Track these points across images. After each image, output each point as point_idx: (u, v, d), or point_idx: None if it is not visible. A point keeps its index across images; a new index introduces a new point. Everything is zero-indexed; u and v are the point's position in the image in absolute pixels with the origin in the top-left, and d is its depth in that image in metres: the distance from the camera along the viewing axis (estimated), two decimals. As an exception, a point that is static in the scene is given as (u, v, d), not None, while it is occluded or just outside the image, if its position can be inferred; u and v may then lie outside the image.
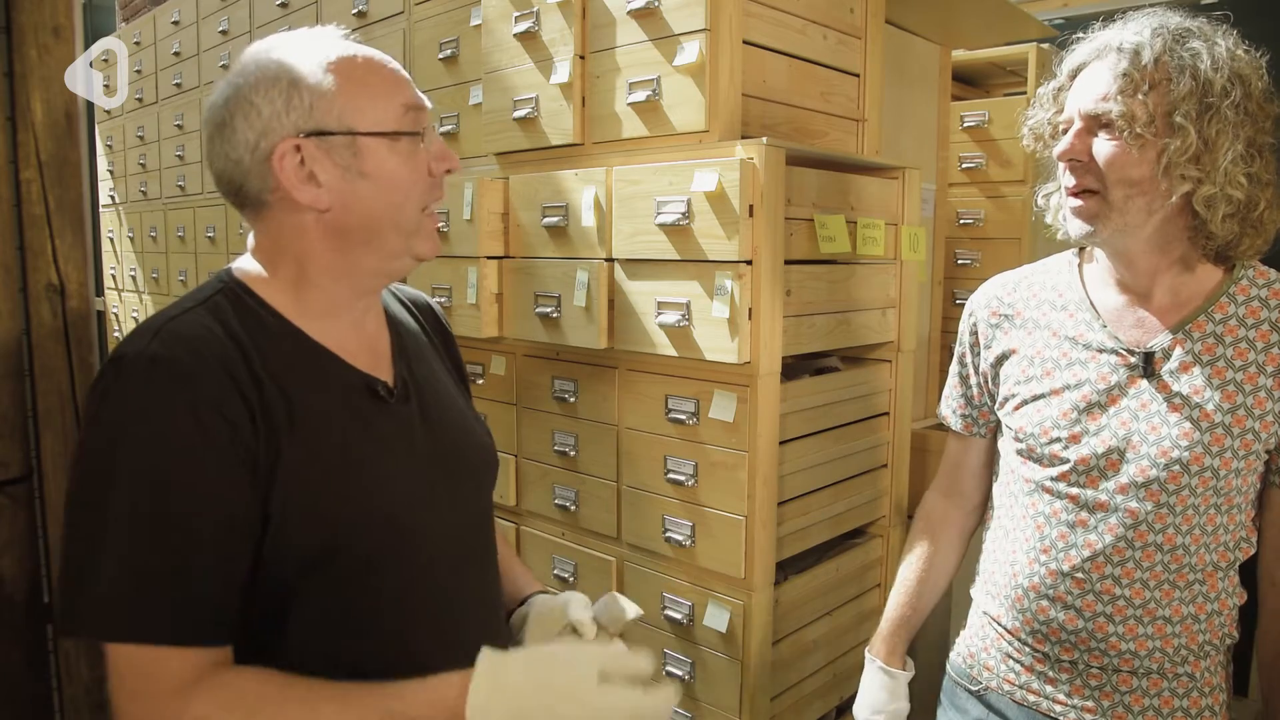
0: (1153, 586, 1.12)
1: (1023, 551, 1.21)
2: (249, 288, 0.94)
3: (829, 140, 1.84)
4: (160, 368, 0.82)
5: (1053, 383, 1.18)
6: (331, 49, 0.95)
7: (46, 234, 1.10)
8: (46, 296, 1.10)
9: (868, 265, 1.81)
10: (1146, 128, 1.03)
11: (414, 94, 0.98)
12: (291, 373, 0.91)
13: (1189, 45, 1.05)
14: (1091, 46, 1.12)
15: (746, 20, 1.60)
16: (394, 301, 1.14)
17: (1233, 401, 1.07)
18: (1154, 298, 1.14)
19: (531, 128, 1.84)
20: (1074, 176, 1.11)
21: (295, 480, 0.87)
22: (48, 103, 1.09)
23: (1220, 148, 1.02)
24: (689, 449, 1.61)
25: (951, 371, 1.38)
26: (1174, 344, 1.11)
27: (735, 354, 1.48)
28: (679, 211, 1.52)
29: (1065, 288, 1.22)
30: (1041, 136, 1.18)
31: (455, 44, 2.09)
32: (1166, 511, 1.09)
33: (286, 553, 0.86)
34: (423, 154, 0.97)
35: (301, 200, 0.92)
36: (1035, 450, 1.19)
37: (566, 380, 1.84)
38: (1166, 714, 1.15)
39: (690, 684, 1.65)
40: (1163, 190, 1.06)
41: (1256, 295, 1.11)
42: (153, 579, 0.80)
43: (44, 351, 1.04)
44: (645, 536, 1.70)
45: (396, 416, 0.99)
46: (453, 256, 1.94)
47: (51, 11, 1.08)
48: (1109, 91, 1.05)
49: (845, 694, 1.89)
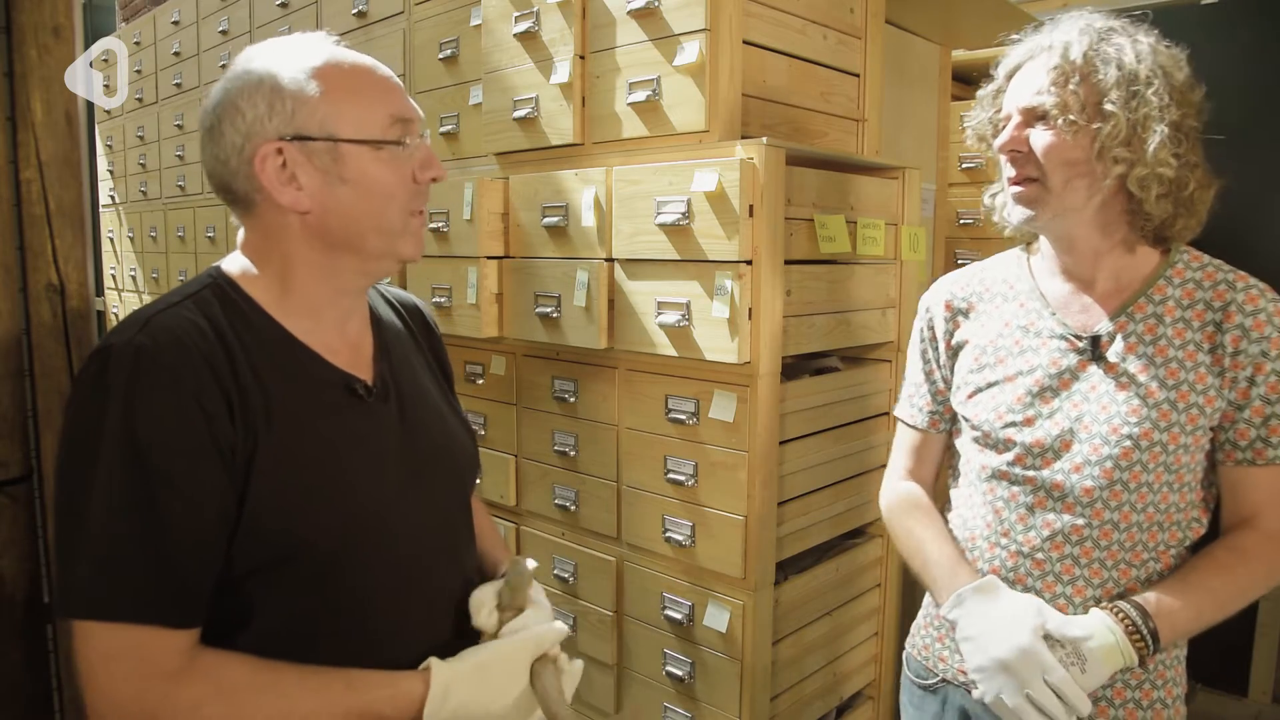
0: (1110, 566, 1.15)
1: (982, 537, 1.23)
2: (236, 284, 0.97)
3: (829, 140, 1.84)
4: (144, 358, 0.84)
5: (1006, 370, 1.22)
6: (319, 55, 0.96)
7: (46, 234, 1.10)
8: (46, 296, 1.10)
9: (868, 265, 1.81)
10: (1080, 115, 1.10)
11: (402, 103, 0.99)
12: (272, 368, 0.93)
13: (1113, 41, 1.13)
14: (1025, 48, 1.20)
15: (746, 20, 1.60)
16: (381, 303, 1.16)
17: (1176, 378, 1.13)
18: (1097, 284, 1.20)
19: (531, 128, 1.84)
20: (1014, 167, 1.17)
21: (269, 473, 0.89)
22: (48, 103, 1.09)
23: (1148, 130, 1.09)
24: (689, 449, 1.61)
25: (913, 370, 1.39)
26: (1118, 327, 1.17)
27: (735, 354, 1.48)
28: (679, 211, 1.52)
29: (1015, 280, 1.28)
30: (984, 137, 1.26)
31: (455, 44, 2.09)
32: (1121, 488, 1.13)
33: (258, 543, 0.88)
34: (408, 161, 0.98)
35: (282, 202, 0.94)
36: (991, 436, 1.22)
37: (566, 380, 1.84)
38: (1119, 704, 1.16)
39: (690, 684, 1.65)
40: (1099, 173, 1.12)
41: (1191, 277, 1.17)
42: (134, 561, 0.82)
43: (44, 351, 1.04)
44: (645, 536, 1.70)
45: (374, 415, 1.01)
46: (453, 256, 1.94)
47: (51, 11, 1.08)
48: (1042, 86, 1.13)
49: (845, 694, 1.89)
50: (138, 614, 0.82)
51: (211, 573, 0.87)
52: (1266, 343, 1.11)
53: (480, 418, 2.06)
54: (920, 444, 1.38)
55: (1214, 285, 1.16)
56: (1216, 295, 1.15)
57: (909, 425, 1.39)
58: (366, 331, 1.07)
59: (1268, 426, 1.12)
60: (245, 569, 0.89)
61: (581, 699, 1.87)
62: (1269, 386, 1.11)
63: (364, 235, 0.97)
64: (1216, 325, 1.13)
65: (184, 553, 0.84)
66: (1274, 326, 1.11)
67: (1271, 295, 1.14)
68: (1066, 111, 1.10)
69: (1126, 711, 1.16)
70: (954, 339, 1.31)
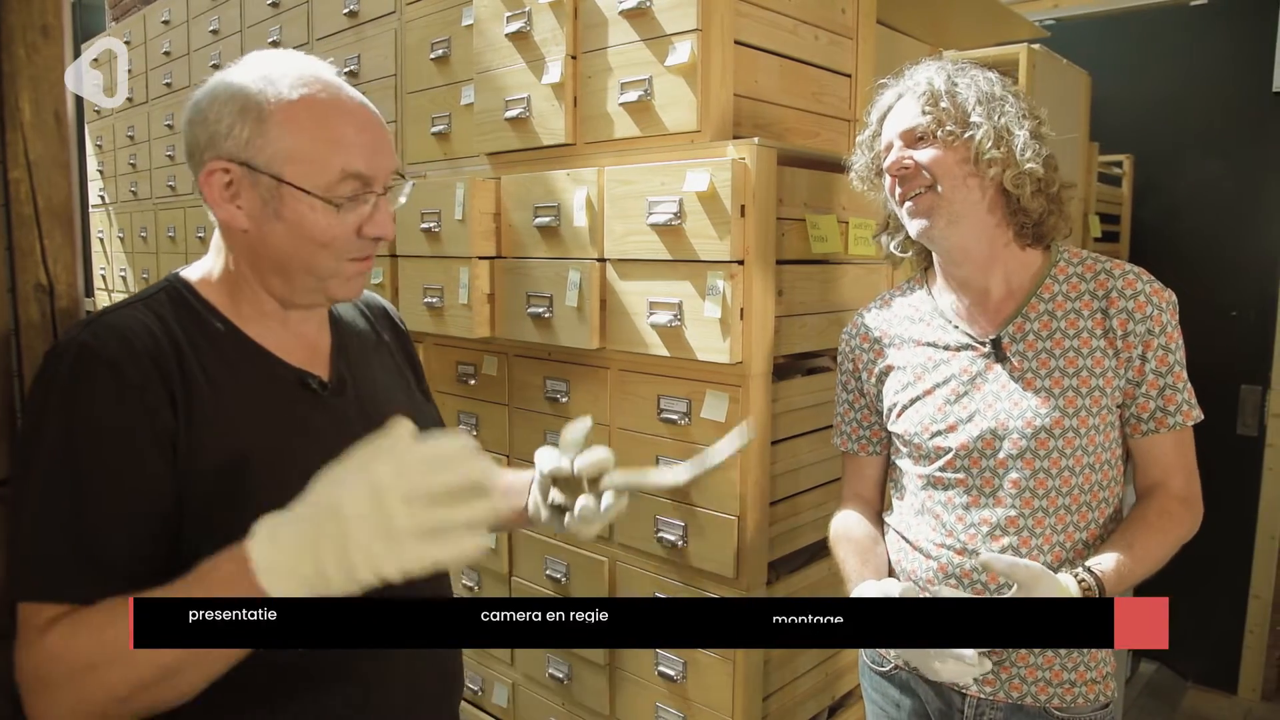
0: (1046, 550, 1.24)
1: (926, 540, 1.31)
2: (192, 287, 1.00)
3: (821, 140, 1.85)
4: (85, 354, 0.87)
5: (925, 384, 1.33)
6: (301, 88, 0.94)
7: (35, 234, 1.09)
8: (35, 297, 1.09)
9: (859, 265, 1.81)
10: (955, 127, 1.23)
11: (365, 159, 0.96)
12: (222, 365, 0.95)
13: (967, 73, 1.28)
14: (892, 92, 1.33)
15: (738, 20, 1.61)
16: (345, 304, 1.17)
17: (1075, 366, 1.24)
18: (992, 291, 1.31)
19: (523, 128, 1.84)
20: (903, 185, 1.28)
21: (216, 464, 0.90)
22: (36, 102, 1.08)
23: (1012, 134, 1.23)
24: (681, 449, 1.62)
25: (839, 402, 1.50)
26: (1015, 328, 1.28)
27: (727, 354, 1.49)
28: (671, 212, 1.52)
29: (919, 302, 1.40)
30: (867, 179, 1.37)
31: (447, 44, 2.09)
32: (1045, 476, 1.23)
33: (208, 532, 0.89)
34: (355, 215, 0.96)
35: (220, 218, 0.96)
36: (922, 447, 1.32)
37: (558, 380, 1.84)
38: (1056, 685, 1.25)
39: (682, 684, 1.65)
40: (980, 174, 1.24)
41: (1074, 272, 1.29)
42: (58, 545, 0.84)
43: (33, 352, 1.03)
44: (637, 537, 1.70)
45: (330, 409, 1.02)
46: (444, 257, 1.93)
47: (40, 10, 1.08)
48: (916, 113, 1.26)
49: (837, 694, 1.89)
50: (63, 594, 0.83)
51: (145, 558, 0.87)
52: (1150, 321, 1.22)
53: (472, 418, 2.05)
54: (858, 467, 1.49)
55: (1095, 276, 1.27)
56: (1099, 285, 1.26)
57: (844, 452, 1.50)
58: (324, 331, 1.09)
59: (1163, 397, 1.24)
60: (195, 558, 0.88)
61: (574, 700, 1.87)
62: (1158, 360, 1.23)
63: (294, 273, 0.98)
64: (1104, 312, 1.24)
65: (109, 538, 0.85)
66: (1154, 305, 1.23)
67: (1147, 278, 1.25)
68: (941, 125, 1.23)
69: (1064, 689, 1.25)
70: (877, 367, 1.40)
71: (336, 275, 0.99)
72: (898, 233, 1.40)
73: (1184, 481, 1.27)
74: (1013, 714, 1.27)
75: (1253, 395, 3.28)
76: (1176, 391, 1.24)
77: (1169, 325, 1.23)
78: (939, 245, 1.31)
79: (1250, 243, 3.30)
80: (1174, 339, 1.24)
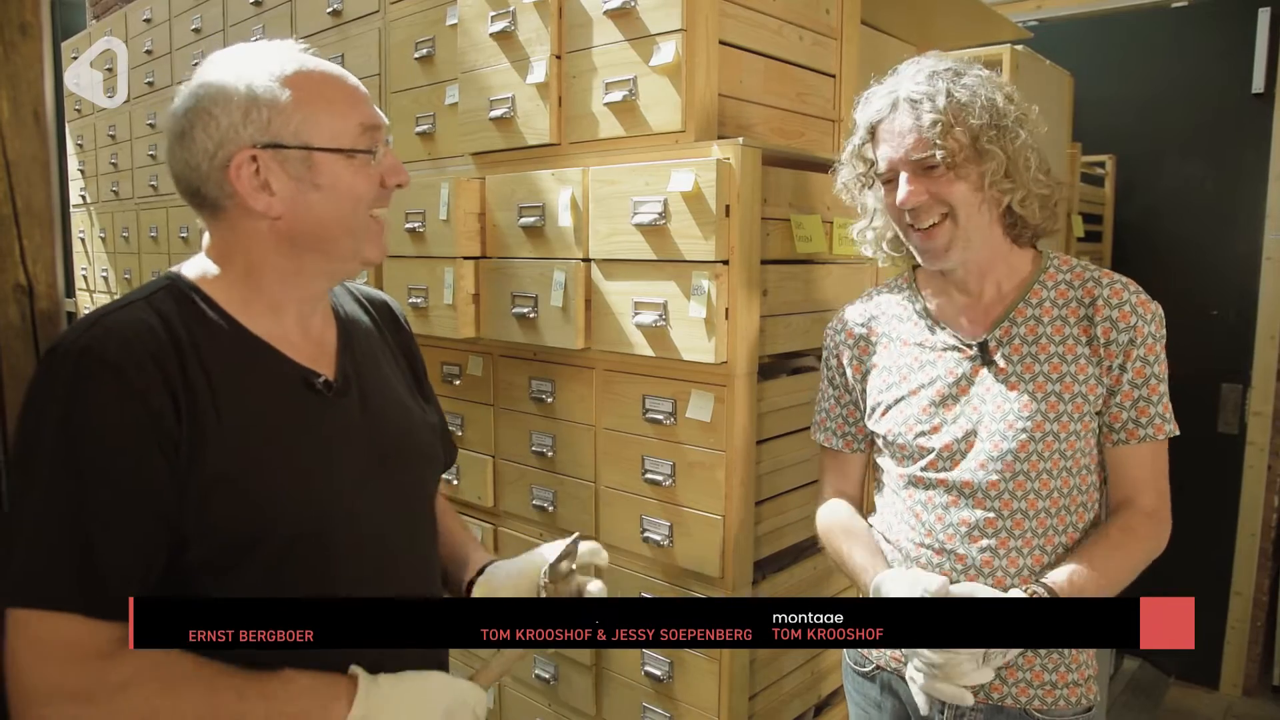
0: (1025, 553, 1.24)
1: (907, 539, 1.32)
2: (195, 285, 0.99)
3: (805, 140, 1.85)
4: (88, 357, 0.87)
5: (910, 384, 1.33)
6: (290, 63, 0.97)
7: (14, 234, 1.08)
8: (15, 298, 1.08)
9: (844, 265, 1.82)
10: (969, 158, 1.21)
11: (370, 112, 1.01)
12: (227, 366, 0.95)
13: (964, 81, 1.23)
14: (882, 102, 1.27)
15: (723, 21, 1.61)
16: (349, 299, 1.18)
17: (1059, 371, 1.24)
18: (984, 295, 1.32)
19: (508, 128, 1.83)
20: (915, 218, 1.25)
21: (220, 467, 0.90)
22: (15, 101, 1.08)
23: (1022, 160, 1.22)
24: (666, 449, 1.62)
25: (823, 397, 1.50)
26: (1002, 332, 1.28)
27: (712, 354, 1.49)
28: (655, 212, 1.52)
29: (907, 301, 1.40)
30: (851, 190, 1.38)
31: (431, 43, 2.08)
32: (1023, 478, 1.23)
33: (212, 535, 0.90)
34: (375, 167, 1.01)
35: (255, 208, 0.96)
36: (905, 447, 1.32)
37: (544, 380, 1.84)
38: (1037, 686, 1.26)
39: (669, 684, 1.65)
40: (988, 200, 1.24)
41: (1062, 279, 1.30)
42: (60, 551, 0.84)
43: (11, 353, 1.03)
44: (623, 537, 1.70)
45: (334, 408, 1.03)
46: (429, 257, 1.93)
47: (19, 8, 1.07)
48: (927, 139, 1.21)
49: (823, 693, 1.89)
50: (62, 602, 0.83)
51: (146, 565, 0.88)
52: (1132, 331, 1.23)
53: (457, 418, 2.05)
54: (840, 464, 1.49)
55: (1083, 284, 1.28)
56: (1086, 292, 1.27)
57: (826, 448, 1.50)
58: (330, 327, 1.09)
59: (1137, 408, 1.24)
60: (199, 560, 0.90)
61: (560, 700, 1.87)
62: (1135, 371, 1.23)
63: (335, 239, 1.00)
64: (1089, 319, 1.25)
65: (112, 545, 0.85)
66: (1138, 316, 1.23)
67: (1135, 288, 1.26)
68: (956, 156, 1.20)
69: (1044, 690, 1.26)
70: (863, 365, 1.41)
71: (368, 231, 1.02)
72: (884, 239, 1.39)
73: (1153, 498, 1.26)
74: (993, 715, 1.27)
75: (1233, 393, 3.31)
76: (1150, 404, 1.23)
77: (1150, 337, 1.23)
78: (949, 267, 1.30)
79: (1231, 242, 3.33)
80: (1154, 351, 1.23)
